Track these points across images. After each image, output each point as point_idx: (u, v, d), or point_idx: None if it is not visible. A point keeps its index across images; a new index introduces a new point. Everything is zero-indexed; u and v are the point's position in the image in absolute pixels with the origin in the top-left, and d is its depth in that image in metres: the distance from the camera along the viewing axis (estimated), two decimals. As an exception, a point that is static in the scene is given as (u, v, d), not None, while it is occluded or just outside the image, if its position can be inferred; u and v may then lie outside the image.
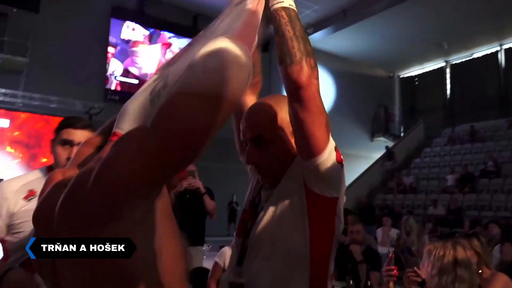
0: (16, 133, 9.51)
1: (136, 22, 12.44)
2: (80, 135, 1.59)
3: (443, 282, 1.78)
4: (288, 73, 0.99)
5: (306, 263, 1.03)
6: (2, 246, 1.55)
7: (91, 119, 10.02)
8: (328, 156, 1.05)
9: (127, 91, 11.95)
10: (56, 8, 11.10)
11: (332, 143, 1.08)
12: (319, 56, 13.12)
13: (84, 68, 11.01)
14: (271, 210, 1.08)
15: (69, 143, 1.58)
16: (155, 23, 12.73)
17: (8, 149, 9.27)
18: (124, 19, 12.25)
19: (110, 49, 11.91)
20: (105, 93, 11.55)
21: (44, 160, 9.40)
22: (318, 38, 15.04)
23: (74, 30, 11.06)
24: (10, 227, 1.52)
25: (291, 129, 1.11)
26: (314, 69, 1.02)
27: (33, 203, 1.55)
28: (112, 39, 11.98)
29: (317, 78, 1.02)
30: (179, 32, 13.16)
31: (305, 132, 1.00)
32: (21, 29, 10.45)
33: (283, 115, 1.13)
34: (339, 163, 1.09)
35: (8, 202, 1.53)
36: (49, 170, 1.62)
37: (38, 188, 1.54)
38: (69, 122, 1.61)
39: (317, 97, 1.02)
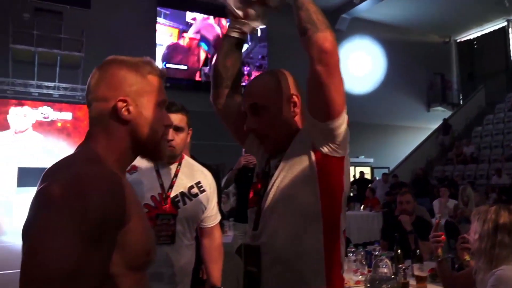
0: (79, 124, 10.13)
1: (182, 10, 12.71)
2: (175, 118, 1.71)
3: (483, 247, 1.74)
4: (314, 39, 1.10)
5: (319, 218, 1.10)
6: None
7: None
8: (343, 119, 1.13)
9: (177, 77, 12.30)
10: (105, 2, 11.56)
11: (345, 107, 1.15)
12: (367, 26, 12.79)
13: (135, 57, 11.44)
14: (282, 174, 1.16)
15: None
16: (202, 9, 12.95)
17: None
18: (170, 7, 12.53)
19: (158, 36, 12.24)
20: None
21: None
22: (365, 8, 14.54)
23: (124, 21, 11.49)
24: None
25: (288, 97, 1.22)
26: (336, 42, 1.10)
27: (134, 176, 1.76)
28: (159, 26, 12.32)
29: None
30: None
31: (326, 96, 1.08)
32: (76, 26, 11.00)
33: (278, 84, 1.24)
34: (348, 126, 1.16)
35: None
36: None
37: (139, 163, 1.70)
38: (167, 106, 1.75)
39: (339, 65, 1.11)
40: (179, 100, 1.91)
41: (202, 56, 13.02)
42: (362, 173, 12.35)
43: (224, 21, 13.35)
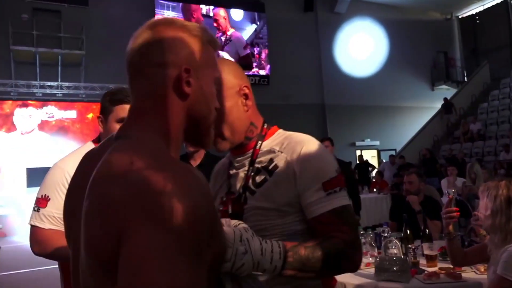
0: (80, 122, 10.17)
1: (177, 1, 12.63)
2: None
3: (497, 222, 1.72)
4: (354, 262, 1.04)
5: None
6: None
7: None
8: None
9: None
10: (102, -2, 11.53)
11: None
12: (366, 7, 12.68)
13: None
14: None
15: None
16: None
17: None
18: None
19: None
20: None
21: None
22: (364, -11, 14.39)
23: (122, 15, 11.44)
24: None
25: (238, 89, 1.11)
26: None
27: None
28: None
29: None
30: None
31: None
32: (74, 24, 10.99)
33: (226, 76, 1.11)
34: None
35: None
36: (97, 143, 1.58)
37: None
38: (121, 98, 1.56)
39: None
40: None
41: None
42: (361, 156, 12.34)
43: (223, 12, 13.29)
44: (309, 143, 1.11)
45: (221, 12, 13.22)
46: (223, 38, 12.98)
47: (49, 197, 1.49)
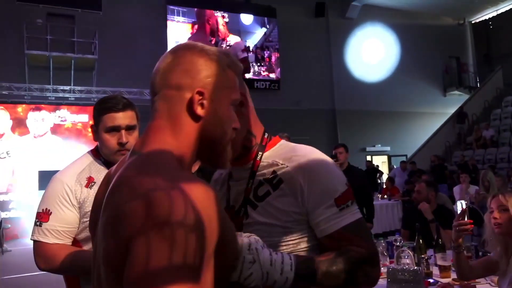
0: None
1: (189, 7, 12.72)
2: (123, 117, 1.50)
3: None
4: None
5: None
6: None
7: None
8: None
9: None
10: (116, 3, 11.64)
11: None
12: (378, 13, 12.61)
13: (147, 56, 11.50)
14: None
15: (115, 129, 1.49)
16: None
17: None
18: (179, 4, 12.56)
19: (169, 31, 12.28)
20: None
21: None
22: (376, -6, 14.35)
23: (134, 21, 11.56)
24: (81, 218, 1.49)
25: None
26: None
27: (95, 190, 1.33)
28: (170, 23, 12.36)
29: None
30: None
31: None
32: (88, 28, 11.12)
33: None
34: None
35: (74, 193, 1.48)
36: (95, 153, 1.58)
37: (94, 173, 1.51)
38: (109, 106, 1.49)
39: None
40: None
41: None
42: (369, 162, 12.25)
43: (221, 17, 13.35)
44: (315, 156, 1.06)
45: (220, 19, 13.25)
46: (223, 45, 13.00)
47: (51, 211, 1.47)
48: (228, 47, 13.18)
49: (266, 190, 1.05)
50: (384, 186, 9.75)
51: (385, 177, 12.61)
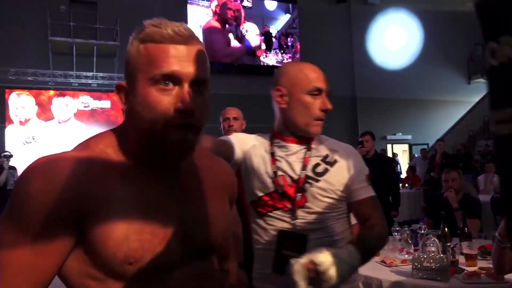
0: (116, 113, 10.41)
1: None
2: None
3: None
4: None
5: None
6: None
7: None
8: None
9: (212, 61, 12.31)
10: (137, -10, 11.69)
11: None
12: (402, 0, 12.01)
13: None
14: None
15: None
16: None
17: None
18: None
19: (190, 16, 12.27)
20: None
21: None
22: (400, -21, 14.02)
23: (155, 6, 11.59)
24: None
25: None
26: None
27: None
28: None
29: None
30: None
31: None
32: (109, 15, 11.20)
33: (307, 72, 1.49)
34: None
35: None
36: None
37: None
38: None
39: None
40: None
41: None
42: (383, 150, 12.11)
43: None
44: (349, 146, 1.50)
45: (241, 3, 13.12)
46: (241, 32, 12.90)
47: None
48: (245, 33, 13.13)
49: (325, 167, 1.40)
50: (405, 175, 9.65)
51: (403, 167, 12.48)
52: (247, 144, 1.46)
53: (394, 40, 15.33)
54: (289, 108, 1.39)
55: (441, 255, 2.22)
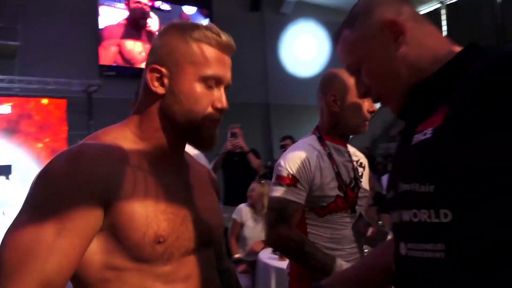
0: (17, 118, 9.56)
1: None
2: None
3: None
4: None
5: None
6: None
7: (90, 97, 10.07)
8: None
9: (123, 66, 11.88)
10: (40, -13, 10.88)
11: None
12: (311, 9, 12.93)
13: (76, 46, 10.90)
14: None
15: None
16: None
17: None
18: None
19: (100, 22, 11.69)
20: (100, 70, 11.46)
21: (47, 140, 9.51)
22: (308, -8, 14.76)
23: (63, 5, 10.89)
24: None
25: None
26: None
27: None
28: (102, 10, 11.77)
29: None
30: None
31: None
32: (10, 14, 10.27)
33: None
34: None
35: None
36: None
37: None
38: None
39: None
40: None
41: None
42: None
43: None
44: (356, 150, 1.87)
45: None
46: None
47: None
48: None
49: (361, 170, 1.68)
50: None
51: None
52: (312, 161, 1.58)
53: (306, 49, 16.08)
54: (342, 111, 1.55)
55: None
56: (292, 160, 1.55)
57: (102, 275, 0.78)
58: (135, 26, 12.25)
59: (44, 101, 9.65)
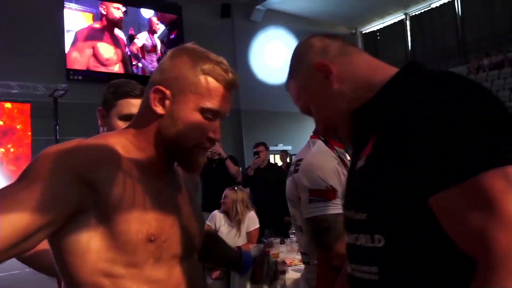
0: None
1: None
2: (139, 104, 1.47)
3: None
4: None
5: None
6: None
7: (56, 102, 9.78)
8: None
9: (91, 70, 11.63)
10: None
11: None
12: (280, 17, 13.10)
13: (42, 47, 10.57)
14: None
15: (130, 117, 1.41)
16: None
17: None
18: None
19: (66, 24, 11.41)
20: (67, 74, 11.18)
21: (10, 145, 9.17)
22: (278, 0, 14.94)
23: (27, 6, 10.56)
24: None
25: None
26: None
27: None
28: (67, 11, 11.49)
29: None
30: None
31: None
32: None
33: None
34: None
35: None
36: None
37: None
38: (126, 90, 1.43)
39: None
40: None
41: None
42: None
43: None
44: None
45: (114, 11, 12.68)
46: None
47: None
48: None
49: None
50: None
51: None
52: (336, 168, 1.55)
53: (275, 56, 16.24)
54: None
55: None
56: (324, 171, 1.49)
57: (94, 279, 0.79)
58: (108, 30, 12.05)
59: (7, 105, 9.32)
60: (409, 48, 17.78)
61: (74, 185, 0.76)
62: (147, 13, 13.18)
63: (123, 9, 12.54)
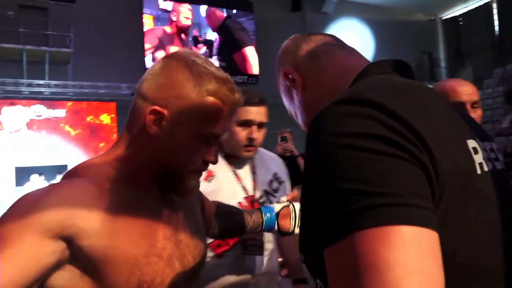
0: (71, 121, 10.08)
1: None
2: (258, 112, 1.55)
3: None
4: None
5: None
6: None
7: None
8: None
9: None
10: (90, -4, 11.41)
11: None
12: (353, 8, 12.76)
13: (123, 50, 11.30)
14: None
15: (248, 123, 1.54)
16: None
17: (71, 132, 9.88)
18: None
19: (146, 24, 12.06)
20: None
21: (102, 144, 9.95)
22: (351, -10, 14.55)
23: (110, 13, 11.35)
24: None
25: None
26: None
27: (214, 184, 1.53)
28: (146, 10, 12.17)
29: None
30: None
31: None
32: (62, 21, 10.86)
33: None
34: None
35: None
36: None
37: (214, 166, 1.44)
38: (245, 98, 1.41)
39: None
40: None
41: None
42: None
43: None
44: None
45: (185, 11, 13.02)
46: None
47: None
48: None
49: None
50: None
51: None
52: None
53: (348, 48, 15.86)
54: None
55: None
56: None
57: None
58: (177, 34, 12.59)
59: (95, 104, 10.13)
60: (496, 33, 16.39)
61: (46, 242, 0.69)
62: (205, 12, 13.55)
63: (190, 16, 12.97)
